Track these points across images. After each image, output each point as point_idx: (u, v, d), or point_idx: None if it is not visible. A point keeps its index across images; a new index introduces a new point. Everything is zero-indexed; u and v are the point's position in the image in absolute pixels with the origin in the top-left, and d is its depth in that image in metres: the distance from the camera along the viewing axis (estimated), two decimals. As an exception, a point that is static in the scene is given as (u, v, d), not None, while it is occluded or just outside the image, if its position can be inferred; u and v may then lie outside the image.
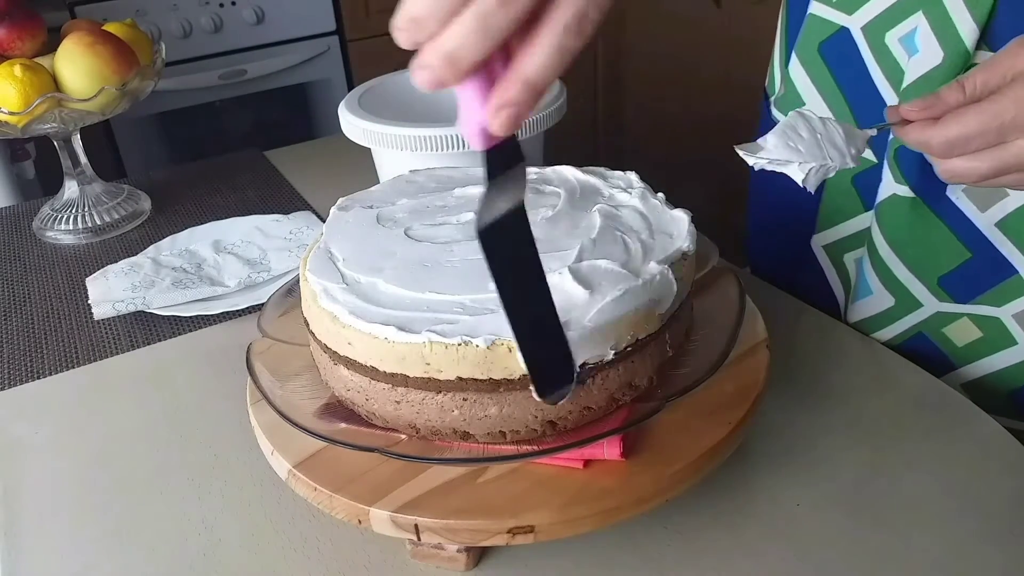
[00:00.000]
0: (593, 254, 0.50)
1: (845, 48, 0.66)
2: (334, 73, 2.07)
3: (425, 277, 0.50)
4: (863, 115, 0.67)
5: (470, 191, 0.60)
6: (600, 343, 0.46)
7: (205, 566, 0.51)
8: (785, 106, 0.73)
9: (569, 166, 0.62)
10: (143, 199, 1.03)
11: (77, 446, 0.62)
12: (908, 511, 0.51)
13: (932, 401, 0.60)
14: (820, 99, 0.70)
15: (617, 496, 0.46)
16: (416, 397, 0.48)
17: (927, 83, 0.59)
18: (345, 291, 0.50)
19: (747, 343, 0.55)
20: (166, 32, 1.86)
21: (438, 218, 0.57)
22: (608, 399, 0.49)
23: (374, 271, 0.51)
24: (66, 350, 0.75)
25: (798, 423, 0.58)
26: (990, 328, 0.64)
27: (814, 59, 0.69)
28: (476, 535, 0.45)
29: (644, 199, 0.57)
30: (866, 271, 0.69)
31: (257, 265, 0.84)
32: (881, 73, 0.64)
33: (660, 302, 0.48)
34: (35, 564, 0.52)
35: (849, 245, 0.72)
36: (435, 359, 0.46)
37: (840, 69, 0.68)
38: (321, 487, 0.47)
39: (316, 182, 1.06)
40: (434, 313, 0.47)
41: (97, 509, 0.56)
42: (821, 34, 0.68)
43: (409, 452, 0.48)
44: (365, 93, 0.85)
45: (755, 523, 0.50)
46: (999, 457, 0.54)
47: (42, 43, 0.91)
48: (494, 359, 0.45)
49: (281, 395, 0.53)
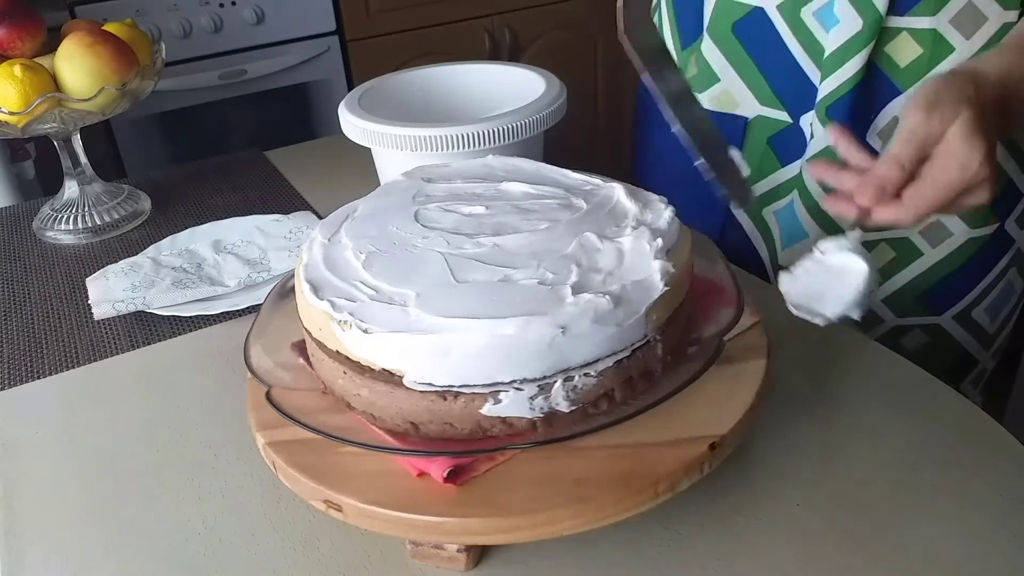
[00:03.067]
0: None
1: (761, 27, 0.74)
2: (334, 73, 2.07)
3: (383, 259, 0.53)
4: (781, 87, 0.76)
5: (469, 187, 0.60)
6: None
7: (205, 566, 0.51)
8: (698, 84, 0.81)
9: (622, 184, 0.60)
10: (143, 199, 1.03)
11: (77, 446, 0.62)
12: (908, 511, 0.51)
13: (933, 401, 0.60)
14: (737, 76, 0.78)
15: (420, 508, 0.45)
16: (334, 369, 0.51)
17: (848, 49, 0.69)
18: (318, 267, 0.54)
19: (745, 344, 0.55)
20: (166, 32, 1.86)
21: (451, 206, 0.58)
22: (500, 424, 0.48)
23: (356, 252, 0.54)
24: (66, 350, 0.75)
25: (798, 423, 0.58)
26: (902, 247, 0.77)
27: (728, 39, 0.77)
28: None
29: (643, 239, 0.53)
30: (799, 216, 0.79)
31: (257, 265, 0.84)
32: (800, 47, 0.73)
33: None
34: (35, 564, 0.52)
35: (767, 200, 0.81)
36: (326, 326, 0.49)
37: (757, 47, 0.76)
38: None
39: (316, 182, 1.06)
40: (347, 286, 0.50)
41: (97, 509, 0.56)
42: (734, 15, 0.75)
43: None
44: (365, 93, 0.85)
45: (755, 523, 0.50)
46: (999, 457, 0.54)
47: (42, 43, 0.91)
48: (357, 341, 0.48)
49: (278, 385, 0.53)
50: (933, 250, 0.77)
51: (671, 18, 0.85)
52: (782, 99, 0.76)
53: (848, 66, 0.69)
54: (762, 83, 0.77)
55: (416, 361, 0.47)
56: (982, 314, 0.81)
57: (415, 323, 0.47)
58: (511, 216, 0.56)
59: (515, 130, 0.74)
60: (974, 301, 0.80)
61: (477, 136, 0.73)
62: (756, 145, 0.79)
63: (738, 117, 0.79)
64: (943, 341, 0.81)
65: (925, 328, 0.81)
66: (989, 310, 0.81)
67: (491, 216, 0.56)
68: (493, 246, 0.52)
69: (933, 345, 0.82)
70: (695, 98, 0.58)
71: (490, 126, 0.73)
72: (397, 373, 0.47)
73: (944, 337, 0.81)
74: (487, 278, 0.49)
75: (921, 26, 0.68)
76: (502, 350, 0.45)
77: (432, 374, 0.47)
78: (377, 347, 0.47)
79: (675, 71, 0.57)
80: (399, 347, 0.47)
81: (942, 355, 0.82)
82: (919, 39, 0.68)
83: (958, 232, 0.76)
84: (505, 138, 0.74)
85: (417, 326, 0.46)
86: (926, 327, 0.81)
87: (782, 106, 0.77)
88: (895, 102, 0.71)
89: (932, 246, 0.77)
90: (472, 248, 0.52)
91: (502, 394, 0.47)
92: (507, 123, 0.74)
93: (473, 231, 0.54)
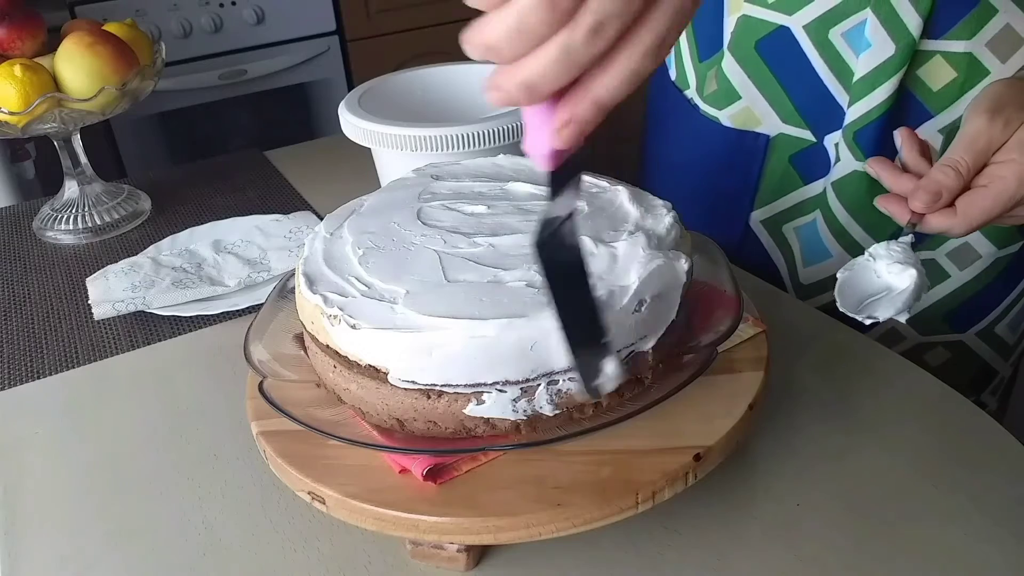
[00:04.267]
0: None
1: (786, 46, 0.72)
2: (334, 73, 2.08)
3: (379, 256, 0.53)
4: (805, 106, 0.74)
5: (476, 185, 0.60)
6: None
7: (205, 566, 0.51)
8: (718, 101, 0.79)
9: (627, 188, 0.59)
10: (143, 199, 1.03)
11: (77, 446, 0.62)
12: (908, 511, 0.51)
13: (933, 402, 0.60)
14: (759, 94, 0.76)
15: (399, 504, 0.45)
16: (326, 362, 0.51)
17: (880, 74, 0.67)
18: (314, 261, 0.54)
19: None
20: (166, 32, 1.86)
21: (454, 204, 0.58)
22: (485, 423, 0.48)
23: (355, 247, 0.54)
24: (66, 350, 0.75)
25: (798, 423, 0.58)
26: (929, 269, 0.74)
27: (751, 57, 0.75)
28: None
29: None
30: (822, 236, 0.77)
31: (257, 265, 0.84)
32: (827, 68, 0.71)
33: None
34: (35, 564, 0.52)
35: (787, 217, 0.80)
36: (318, 320, 0.49)
37: (781, 66, 0.74)
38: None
39: (316, 182, 1.06)
40: (342, 281, 0.51)
41: (97, 509, 0.56)
42: (757, 33, 0.73)
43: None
44: (365, 93, 0.85)
45: (755, 523, 0.50)
46: (1000, 458, 0.54)
47: (42, 43, 0.91)
48: (345, 336, 0.48)
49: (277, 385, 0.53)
50: (960, 272, 0.76)
51: (688, 28, 0.83)
52: (806, 118, 0.74)
53: (879, 92, 0.67)
54: (785, 102, 0.75)
55: (400, 359, 0.47)
56: (1004, 328, 0.80)
57: (401, 321, 0.47)
58: (511, 217, 0.56)
59: (515, 130, 0.74)
60: (998, 317, 0.79)
61: (477, 136, 0.73)
62: (778, 163, 0.78)
63: (759, 135, 0.77)
64: (965, 356, 0.80)
65: (948, 345, 0.80)
66: (1011, 324, 0.81)
67: (491, 216, 0.56)
68: (488, 246, 0.52)
69: (955, 360, 0.80)
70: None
71: (490, 126, 0.73)
72: (382, 370, 0.48)
73: (966, 353, 0.80)
74: (478, 278, 0.49)
75: (956, 50, 0.66)
76: (483, 351, 0.45)
77: (415, 372, 0.47)
78: (364, 343, 0.47)
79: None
80: (384, 344, 0.47)
81: (964, 369, 0.81)
82: (953, 63, 0.66)
83: (986, 254, 0.74)
84: (505, 138, 0.74)
85: (403, 324, 0.47)
86: (949, 344, 0.80)
87: (806, 125, 0.75)
88: (926, 125, 0.69)
89: (960, 268, 0.75)
90: (467, 248, 0.52)
91: (485, 395, 0.47)
92: (507, 123, 0.74)
93: (471, 230, 0.54)
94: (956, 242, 0.74)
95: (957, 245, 0.75)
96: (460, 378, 0.46)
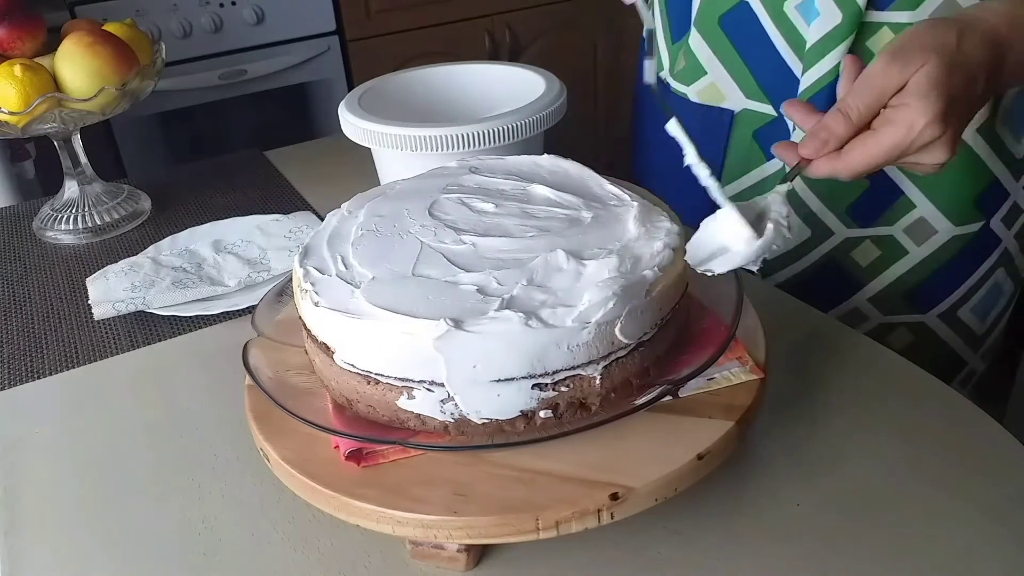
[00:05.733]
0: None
1: (746, 20, 0.75)
2: (334, 73, 2.07)
3: (371, 240, 0.54)
4: (766, 80, 0.76)
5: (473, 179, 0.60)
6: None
7: (205, 566, 0.51)
8: (685, 77, 0.82)
9: (642, 205, 0.56)
10: (143, 199, 1.03)
11: (77, 446, 0.62)
12: (908, 511, 0.51)
13: (933, 402, 0.60)
14: (723, 69, 0.78)
15: (320, 477, 0.47)
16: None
17: (830, 40, 0.69)
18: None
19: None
20: (166, 32, 1.86)
21: (468, 199, 0.58)
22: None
23: (360, 228, 0.56)
24: (66, 350, 0.75)
25: (798, 423, 0.58)
26: (887, 245, 0.78)
27: (714, 32, 0.77)
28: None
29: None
30: None
31: (257, 265, 0.84)
32: (783, 39, 0.73)
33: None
34: (35, 564, 0.52)
35: (750, 194, 0.80)
36: (298, 290, 0.52)
37: (742, 40, 0.76)
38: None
39: (316, 182, 1.06)
40: (329, 258, 0.53)
41: (97, 509, 0.56)
42: (720, 8, 0.76)
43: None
44: (365, 93, 0.85)
45: (755, 523, 0.50)
46: (1000, 457, 0.54)
47: (42, 43, 0.91)
48: (308, 310, 0.50)
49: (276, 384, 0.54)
50: (918, 248, 0.77)
51: (663, 12, 0.85)
52: (767, 92, 0.77)
53: (828, 58, 0.70)
54: (747, 76, 0.77)
55: (344, 341, 0.48)
56: (969, 314, 0.81)
57: (352, 306, 0.48)
58: (511, 219, 0.55)
59: (515, 130, 0.74)
60: (960, 300, 0.80)
61: (477, 136, 0.73)
62: (742, 139, 0.80)
63: (724, 110, 0.80)
64: (929, 340, 0.82)
65: (911, 326, 0.82)
66: (976, 310, 0.82)
67: (493, 216, 0.56)
68: (471, 245, 0.52)
69: (919, 343, 0.82)
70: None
71: (490, 126, 0.73)
72: (332, 348, 0.49)
73: (930, 336, 0.82)
74: (439, 276, 0.49)
75: (901, 20, 0.68)
76: (409, 348, 0.46)
77: (354, 356, 0.48)
78: (320, 320, 0.49)
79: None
80: (334, 325, 0.49)
81: (928, 354, 0.82)
82: (899, 33, 0.67)
83: (943, 229, 0.76)
84: (505, 138, 0.74)
85: (353, 309, 0.48)
86: (912, 325, 0.82)
87: (767, 99, 0.77)
88: None
89: (917, 244, 0.77)
90: (450, 244, 0.52)
91: (415, 391, 0.47)
92: (507, 123, 0.74)
93: (466, 227, 0.54)
94: (912, 217, 0.76)
95: (913, 220, 0.76)
96: (391, 370, 0.47)
